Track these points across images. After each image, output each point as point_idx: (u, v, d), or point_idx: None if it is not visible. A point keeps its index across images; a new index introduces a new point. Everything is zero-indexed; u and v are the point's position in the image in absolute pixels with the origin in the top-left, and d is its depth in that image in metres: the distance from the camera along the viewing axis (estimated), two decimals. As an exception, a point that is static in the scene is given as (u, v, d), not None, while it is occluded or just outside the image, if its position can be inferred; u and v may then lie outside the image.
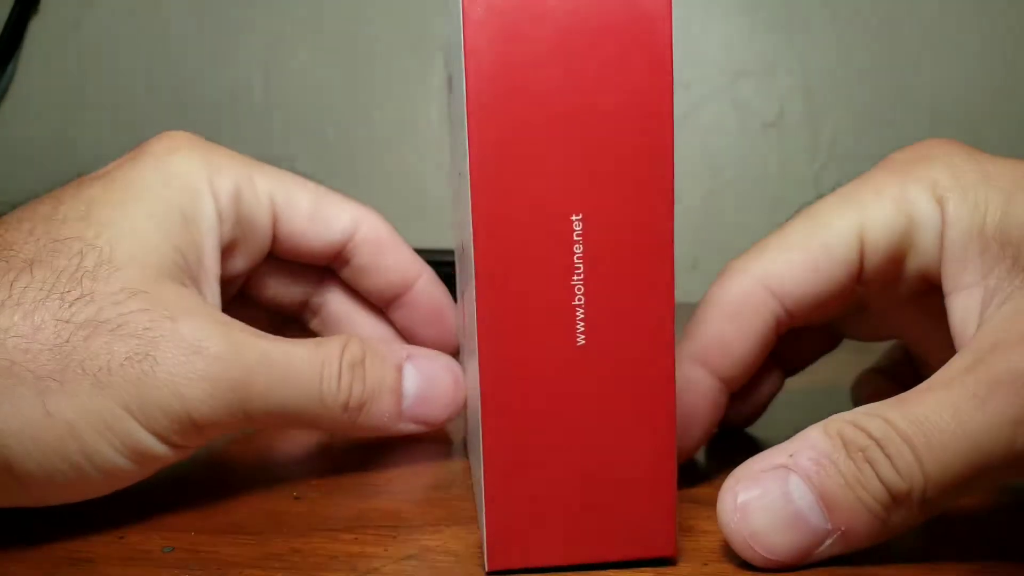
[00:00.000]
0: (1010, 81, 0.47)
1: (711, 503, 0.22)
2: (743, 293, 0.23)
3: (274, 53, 0.50)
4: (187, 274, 0.23)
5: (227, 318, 0.22)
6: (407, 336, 0.29)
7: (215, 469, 0.26)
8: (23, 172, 0.51)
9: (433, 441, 0.29)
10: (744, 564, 0.20)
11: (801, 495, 0.19)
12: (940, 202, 0.22)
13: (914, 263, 0.23)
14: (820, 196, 0.25)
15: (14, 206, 0.23)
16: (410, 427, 0.25)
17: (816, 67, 0.48)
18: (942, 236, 0.22)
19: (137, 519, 0.22)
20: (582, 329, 0.18)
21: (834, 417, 0.19)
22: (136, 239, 0.22)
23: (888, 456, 0.18)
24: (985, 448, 0.18)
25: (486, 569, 0.19)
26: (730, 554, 0.20)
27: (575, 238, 0.18)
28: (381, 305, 0.29)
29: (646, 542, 0.20)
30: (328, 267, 0.28)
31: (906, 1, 0.47)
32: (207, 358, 0.21)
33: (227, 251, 0.25)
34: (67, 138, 0.51)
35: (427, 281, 0.28)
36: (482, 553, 0.19)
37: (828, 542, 0.19)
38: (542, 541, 0.19)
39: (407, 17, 0.50)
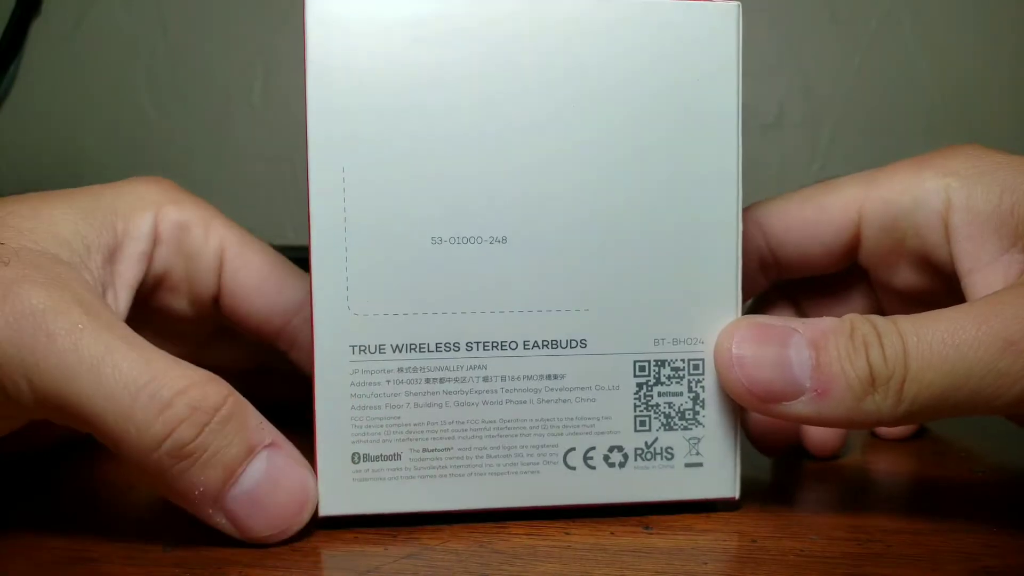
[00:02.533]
0: (1010, 81, 0.47)
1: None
2: None
3: (274, 53, 0.50)
4: (84, 265, 0.21)
5: (95, 303, 0.20)
6: None
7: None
8: (25, 173, 0.51)
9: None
10: (742, 564, 0.20)
11: (797, 349, 0.20)
12: (948, 185, 0.23)
13: (914, 242, 0.24)
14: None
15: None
16: (221, 521, 0.20)
17: (816, 67, 0.48)
18: (945, 216, 0.23)
19: (138, 518, 0.22)
20: None
21: (856, 314, 0.21)
22: (35, 218, 0.21)
23: (881, 344, 0.20)
24: (969, 359, 0.19)
25: (738, 497, 0.22)
26: (729, 554, 0.20)
27: None
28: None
29: None
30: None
31: (906, 1, 0.47)
32: (6, 304, 0.18)
33: (164, 281, 0.25)
34: (69, 139, 0.51)
35: None
36: None
37: (803, 398, 0.20)
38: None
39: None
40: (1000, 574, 0.19)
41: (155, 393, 0.19)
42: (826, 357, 0.20)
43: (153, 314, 0.26)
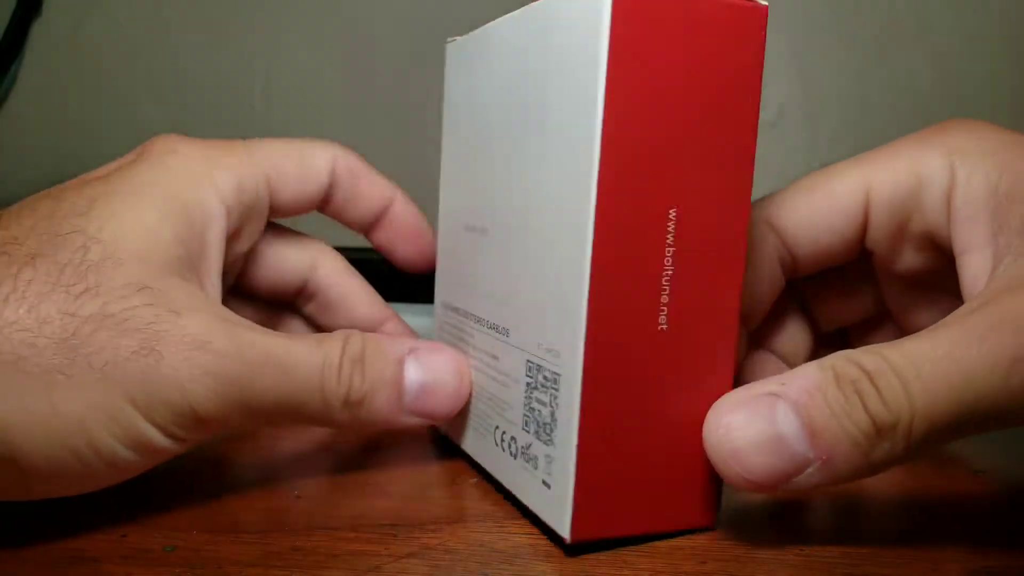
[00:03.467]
0: (1010, 82, 0.47)
1: (710, 502, 0.22)
2: None
3: (274, 53, 0.50)
4: (189, 268, 0.23)
5: (229, 313, 0.23)
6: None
7: (216, 468, 0.26)
8: (25, 174, 0.52)
9: (433, 440, 0.29)
10: (742, 564, 0.20)
11: (786, 421, 0.19)
12: (952, 163, 0.22)
13: (919, 223, 0.23)
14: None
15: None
16: (414, 420, 0.24)
17: (816, 67, 0.48)
18: (949, 195, 0.22)
19: (139, 518, 0.22)
20: (665, 314, 0.20)
21: (833, 354, 0.19)
22: (138, 233, 0.22)
23: (877, 388, 0.18)
24: (978, 382, 0.18)
25: (568, 540, 0.20)
26: (729, 553, 0.20)
27: (669, 229, 0.20)
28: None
29: (691, 514, 0.21)
30: (319, 246, 0.30)
31: (907, 2, 0.47)
32: (210, 354, 0.21)
33: (232, 238, 0.26)
34: (69, 140, 0.51)
35: (401, 201, 0.30)
36: (562, 524, 0.20)
37: (809, 470, 0.19)
38: (623, 511, 0.20)
39: (408, 18, 0.50)
40: (1000, 574, 0.19)
41: (330, 364, 0.23)
42: (821, 418, 0.18)
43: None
